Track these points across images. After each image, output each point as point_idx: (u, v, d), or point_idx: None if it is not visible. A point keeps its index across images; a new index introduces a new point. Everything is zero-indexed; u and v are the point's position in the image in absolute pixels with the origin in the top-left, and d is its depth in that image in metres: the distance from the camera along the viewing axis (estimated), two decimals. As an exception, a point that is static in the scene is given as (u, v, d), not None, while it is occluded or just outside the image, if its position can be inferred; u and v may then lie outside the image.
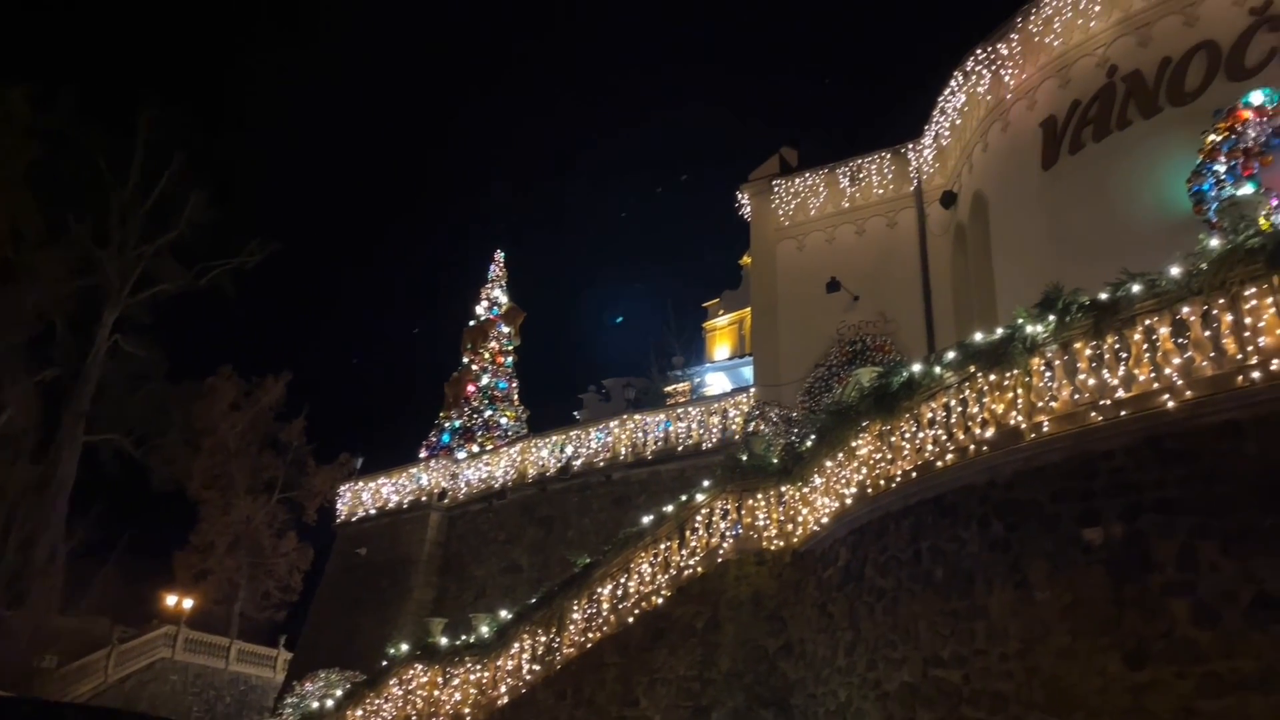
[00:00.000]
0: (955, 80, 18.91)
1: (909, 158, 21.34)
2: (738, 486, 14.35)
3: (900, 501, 11.16)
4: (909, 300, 20.58)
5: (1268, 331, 8.22)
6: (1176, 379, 8.68)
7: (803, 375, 21.34)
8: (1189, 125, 14.50)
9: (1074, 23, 16.69)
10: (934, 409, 11.19)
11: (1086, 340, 9.55)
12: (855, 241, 22.14)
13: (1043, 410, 9.75)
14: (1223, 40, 14.79)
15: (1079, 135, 16.31)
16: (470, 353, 31.32)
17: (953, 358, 10.93)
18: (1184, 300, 8.88)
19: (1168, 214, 14.30)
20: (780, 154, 24.55)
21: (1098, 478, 8.85)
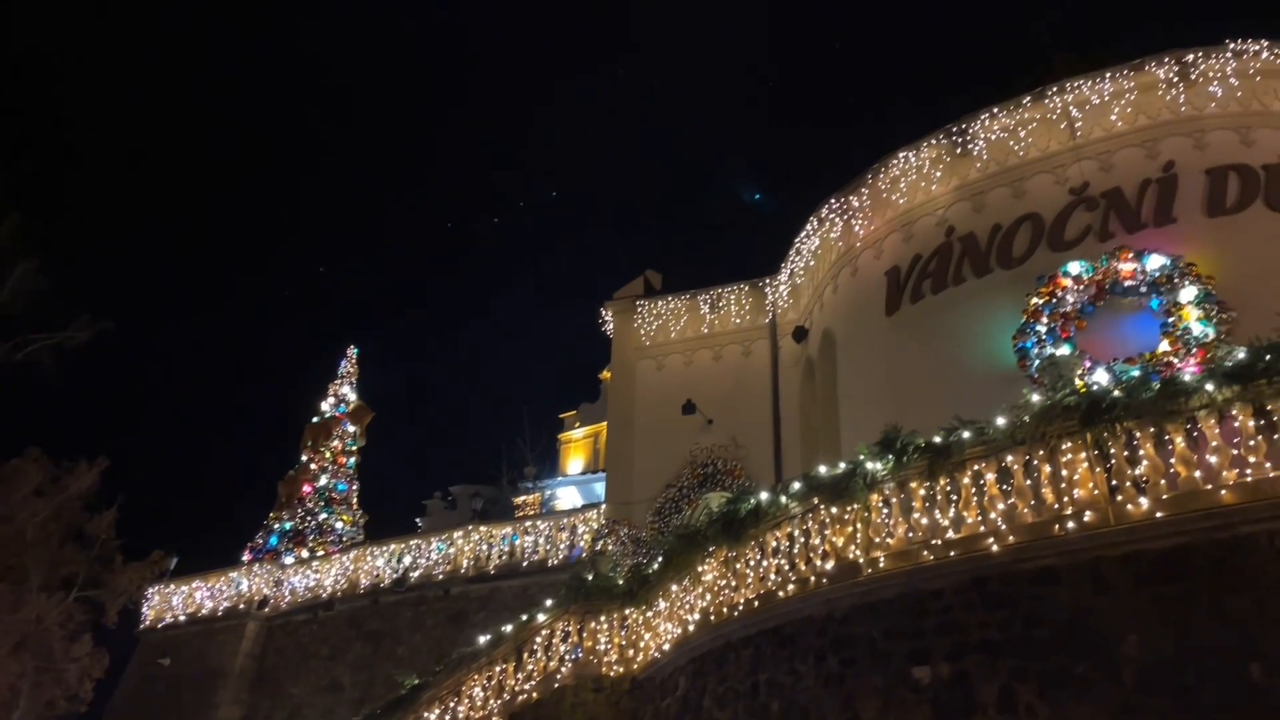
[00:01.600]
0: (811, 224, 20.08)
1: (766, 291, 22.30)
2: (581, 607, 14.01)
3: (742, 630, 11.14)
4: (760, 427, 21.11)
5: (1081, 484, 8.83)
6: (1000, 523, 9.16)
7: (654, 495, 21.36)
8: (1015, 287, 15.83)
9: (918, 184, 18.14)
10: (779, 538, 11.37)
11: (921, 480, 9.99)
12: (712, 366, 22.72)
13: (879, 546, 10.05)
14: (1046, 214, 16.35)
15: (919, 286, 17.48)
16: (310, 450, 29.87)
17: (798, 488, 11.19)
18: (1009, 449, 9.47)
19: (996, 366, 15.37)
20: (646, 276, 25.23)
21: (928, 616, 9.11)
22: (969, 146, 17.48)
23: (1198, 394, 8.53)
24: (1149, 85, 16.20)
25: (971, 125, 17.45)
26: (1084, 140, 16.51)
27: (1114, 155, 16.20)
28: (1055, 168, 16.64)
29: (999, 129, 17.28)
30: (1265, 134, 15.61)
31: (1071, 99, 16.60)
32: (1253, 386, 8.32)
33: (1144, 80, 16.22)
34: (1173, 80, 16.01)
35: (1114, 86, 16.34)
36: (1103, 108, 16.45)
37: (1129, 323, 14.70)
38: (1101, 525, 8.50)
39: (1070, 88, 16.63)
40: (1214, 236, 14.81)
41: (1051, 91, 16.80)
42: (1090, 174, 16.23)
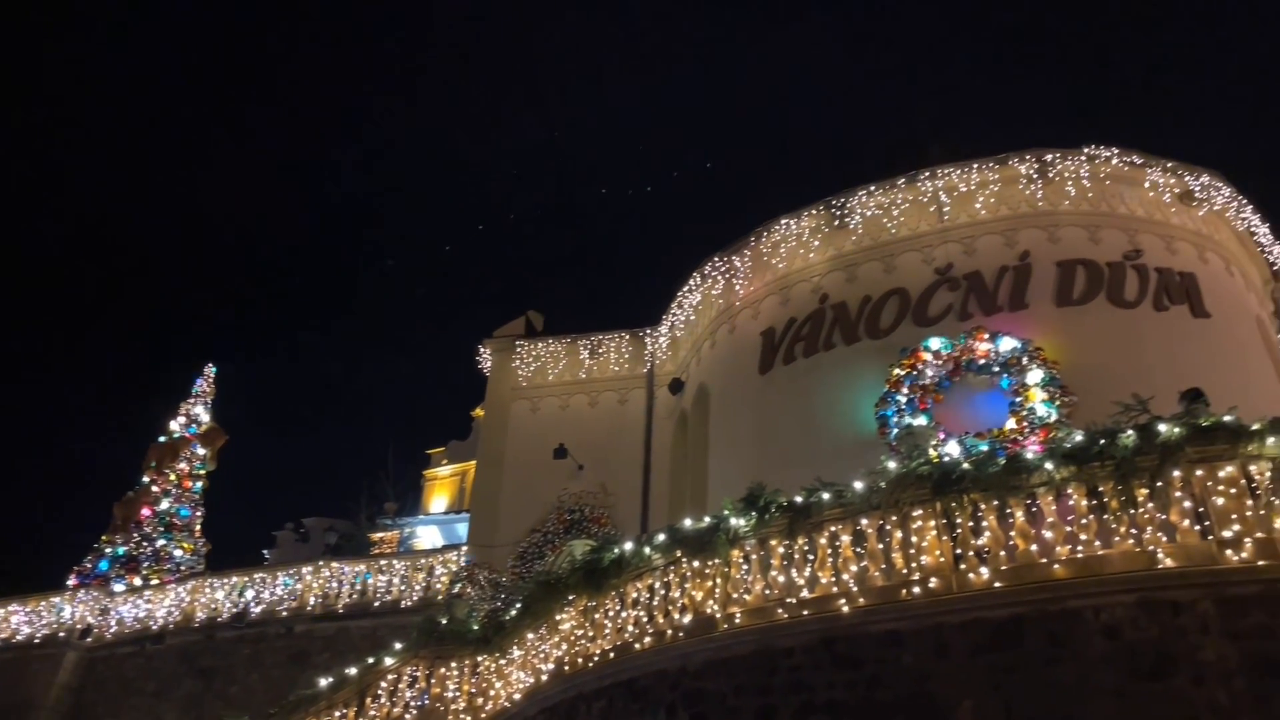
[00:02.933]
0: (694, 280, 20.49)
1: (646, 342, 22.53)
2: (432, 652, 13.55)
3: (595, 682, 10.99)
4: (630, 476, 21.15)
5: (929, 551, 9.18)
6: (853, 585, 9.41)
7: (519, 539, 21.04)
8: (881, 357, 16.53)
9: (797, 251, 18.81)
10: (639, 589, 11.33)
11: (781, 539, 10.19)
12: (587, 412, 22.70)
13: (737, 602, 10.15)
14: (913, 290, 17.20)
15: (792, 349, 18.04)
16: (154, 472, 28.01)
17: (662, 540, 11.20)
18: (865, 513, 9.77)
19: (858, 431, 15.95)
20: (528, 316, 25.11)
21: (778, 674, 9.23)
22: (846, 220, 18.27)
23: (1038, 472, 9.04)
24: (1011, 179, 17.38)
25: (850, 200, 18.27)
26: (951, 224, 17.53)
27: (977, 240, 17.25)
28: (923, 247, 17.58)
29: (875, 206, 18.16)
30: (1111, 234, 16.94)
31: (942, 185, 17.62)
32: (1087, 468, 8.87)
33: (1007, 174, 17.39)
34: (1032, 176, 17.23)
35: (980, 177, 17.45)
36: (969, 196, 17.52)
37: (981, 399, 15.55)
38: (945, 592, 8.84)
39: (941, 174, 17.66)
40: (1061, 324, 15.89)
41: (924, 176, 17.80)
42: (954, 256, 17.21)
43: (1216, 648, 7.65)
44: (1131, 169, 17.34)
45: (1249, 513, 8.20)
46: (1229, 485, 8.36)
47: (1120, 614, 8.03)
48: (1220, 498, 8.31)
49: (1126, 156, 17.30)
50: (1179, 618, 7.90)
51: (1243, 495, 8.33)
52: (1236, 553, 8.03)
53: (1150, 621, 7.93)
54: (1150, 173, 17.36)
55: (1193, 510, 8.43)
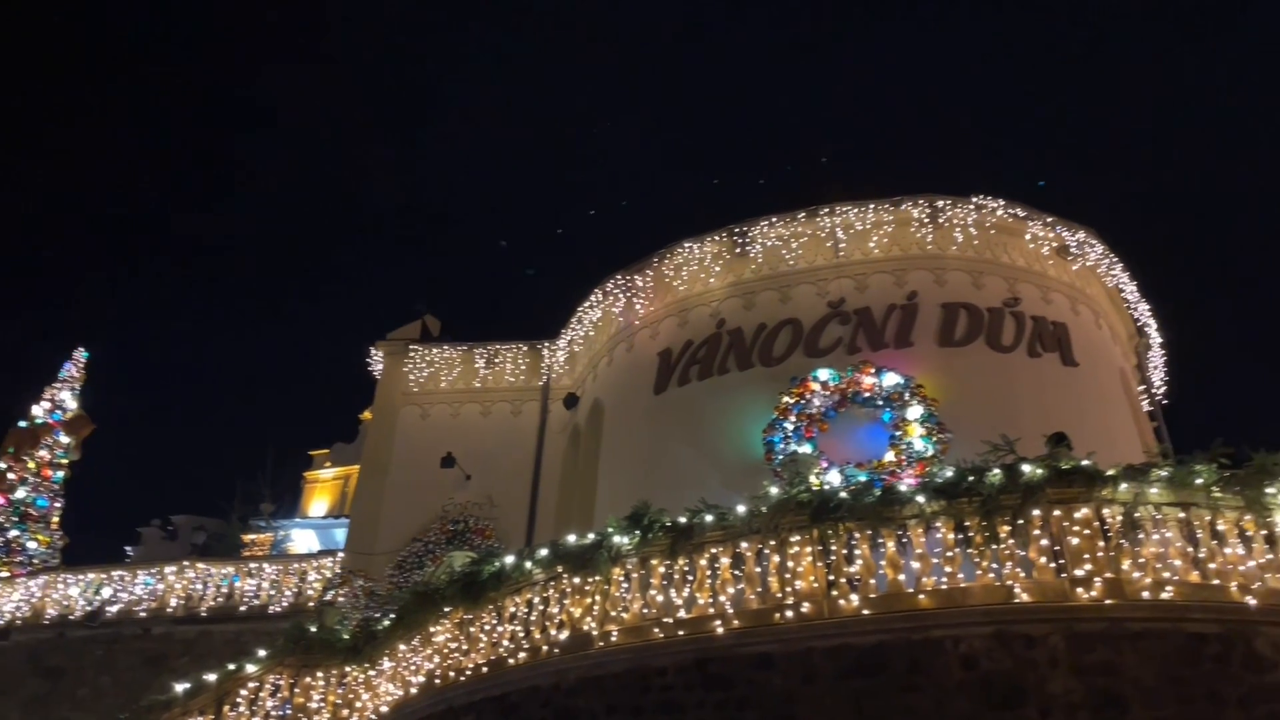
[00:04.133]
0: (595, 296, 20.53)
1: (544, 354, 22.42)
2: (298, 661, 13.12)
3: (466, 696, 10.84)
4: (518, 489, 20.94)
5: (804, 576, 9.40)
6: (729, 607, 9.55)
7: (399, 547, 20.56)
8: (772, 384, 16.88)
9: (698, 275, 19.08)
10: (518, 604, 11.25)
11: (663, 558, 10.27)
12: (479, 422, 22.42)
13: (615, 620, 10.17)
14: (806, 321, 17.65)
15: (688, 371, 18.25)
16: (11, 459, 26.28)
17: (544, 555, 11.15)
18: (745, 536, 9.95)
19: (746, 456, 16.22)
20: (424, 320, 24.70)
21: (650, 693, 9.28)
22: (747, 248, 18.65)
23: (910, 504, 9.38)
24: (904, 221, 18.07)
25: (752, 229, 18.66)
26: (845, 260, 18.09)
27: (869, 278, 17.84)
28: (818, 280, 18.08)
29: (775, 237, 18.58)
30: (993, 281, 17.78)
31: (839, 221, 18.18)
32: (956, 503, 9.26)
33: (900, 216, 18.07)
34: (924, 220, 17.95)
35: (875, 217, 18.09)
36: (864, 234, 18.13)
37: (863, 431, 16.04)
38: (817, 617, 9.07)
39: (839, 211, 18.23)
40: (942, 364, 16.55)
41: (823, 212, 18.33)
42: (847, 291, 17.76)
43: (1063, 681, 8.06)
44: (1015, 221, 18.25)
45: (1100, 553, 8.70)
46: (1083, 526, 8.85)
47: (978, 645, 8.38)
48: (1075, 538, 8.79)
49: (1011, 209, 18.21)
50: (1031, 650, 8.29)
51: (1096, 536, 8.83)
52: (1087, 590, 8.49)
53: (1004, 653, 8.30)
54: (1032, 226, 18.31)
55: (1049, 548, 8.88)
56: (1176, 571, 8.55)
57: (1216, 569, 8.63)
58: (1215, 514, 8.93)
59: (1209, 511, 8.93)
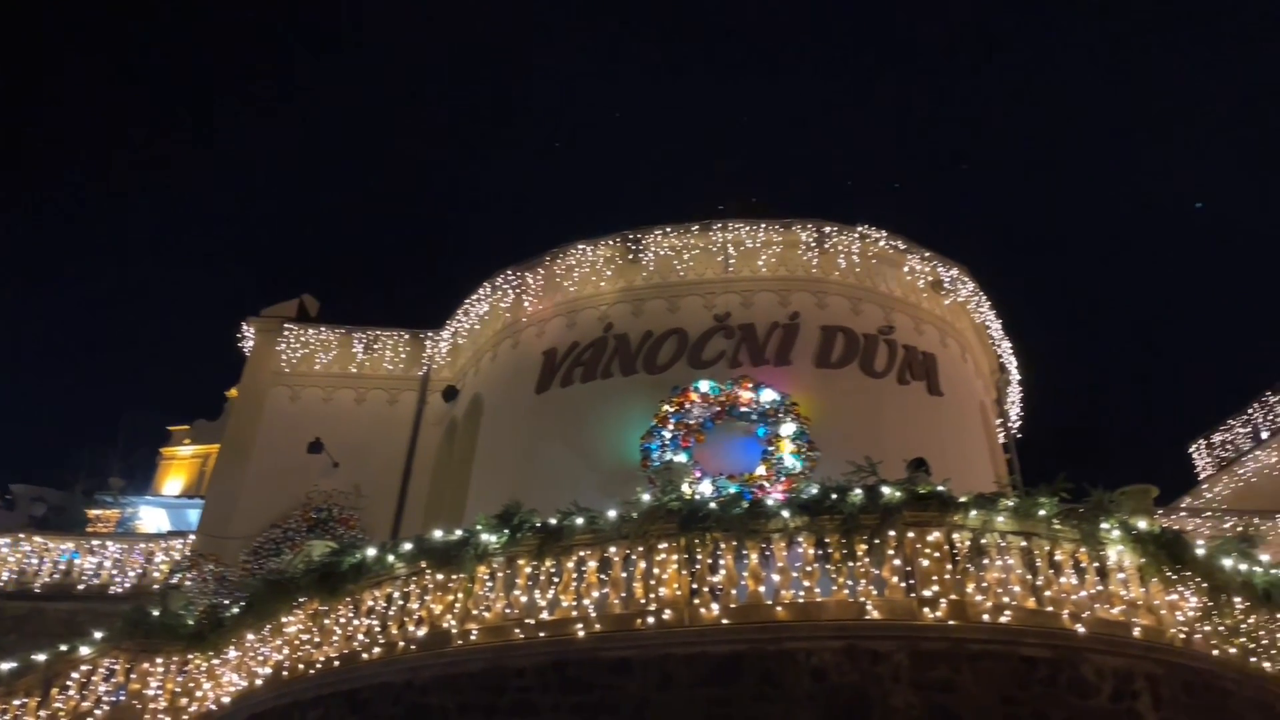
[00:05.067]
0: (484, 290, 20.28)
1: (426, 344, 21.97)
2: (137, 645, 12.46)
3: (314, 691, 10.51)
4: (388, 480, 20.45)
5: (668, 584, 9.51)
6: (592, 611, 9.57)
7: (256, 532, 19.76)
8: (654, 392, 17.05)
9: (589, 277, 19.10)
10: (377, 598, 10.99)
11: (530, 559, 10.20)
12: (352, 408, 21.79)
13: (476, 619, 10.05)
14: (691, 333, 17.91)
15: (571, 372, 18.23)
16: None
17: (408, 549, 10.93)
18: (614, 541, 9.98)
19: (622, 461, 16.31)
20: (302, 299, 23.84)
21: (506, 694, 9.20)
22: (640, 255, 18.79)
23: (775, 519, 9.62)
24: (792, 243, 18.57)
25: (645, 237, 18.82)
26: (734, 276, 18.45)
27: (755, 295, 18.24)
28: (706, 293, 18.38)
29: (668, 247, 18.79)
30: (870, 308, 18.45)
31: (730, 237, 18.54)
32: (818, 520, 9.54)
33: (789, 238, 18.56)
34: (811, 244, 18.49)
35: (765, 236, 18.53)
36: (754, 252, 18.54)
37: (738, 444, 16.37)
38: (677, 625, 9.18)
39: (731, 228, 18.60)
40: (818, 384, 17.07)
41: (716, 227, 18.66)
42: (733, 306, 18.12)
43: (905, 696, 8.41)
44: (895, 252, 19.00)
45: (947, 576, 9.11)
46: (934, 549, 9.25)
47: (828, 658, 8.65)
48: (926, 559, 9.19)
49: (893, 240, 18.95)
50: (877, 666, 8.62)
51: (945, 559, 9.25)
52: (933, 610, 8.88)
53: (852, 668, 8.60)
54: (910, 258, 19.10)
55: (902, 568, 9.25)
56: (1015, 597, 9.03)
57: (1051, 596, 9.17)
58: (1054, 544, 9.48)
59: (1049, 542, 9.47)
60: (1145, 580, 9.56)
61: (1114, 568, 9.51)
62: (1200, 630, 9.52)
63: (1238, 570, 10.11)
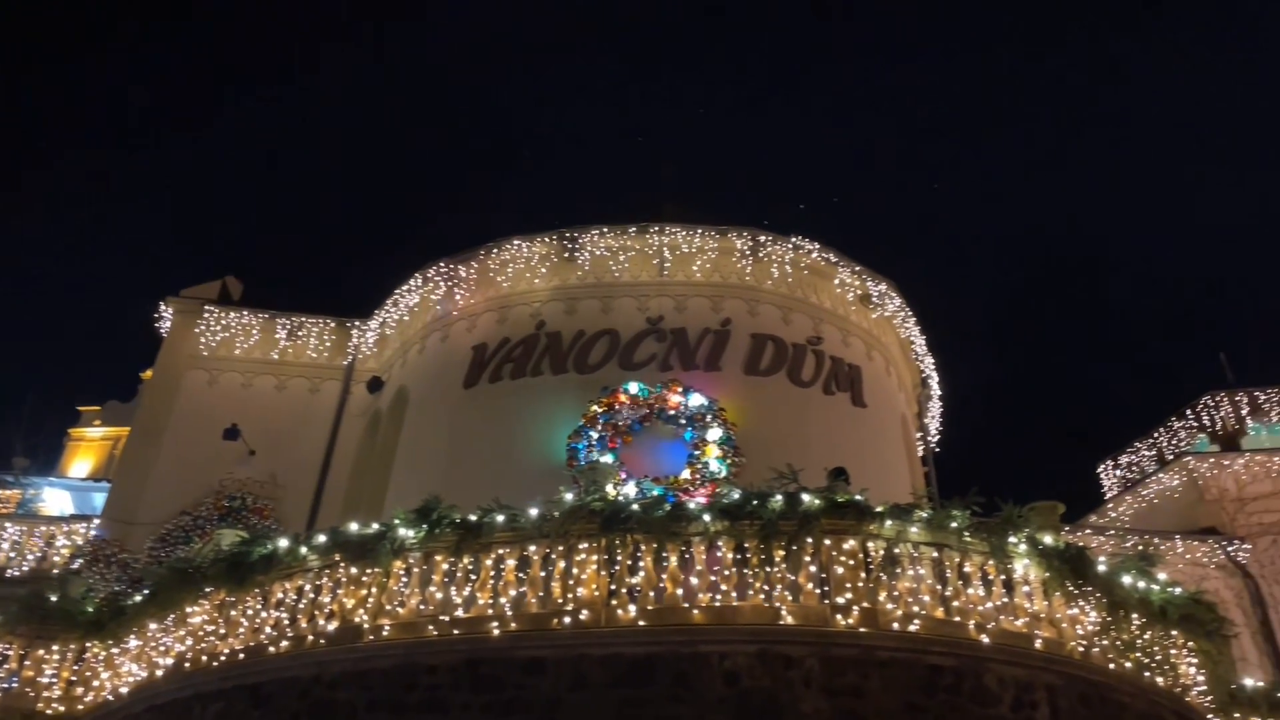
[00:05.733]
0: (415, 281, 19.98)
1: (352, 333, 21.54)
2: (32, 631, 12.02)
3: (217, 683, 10.21)
4: (307, 471, 19.97)
5: (587, 584, 9.48)
6: (508, 609, 9.48)
7: (165, 519, 19.11)
8: (583, 391, 17.01)
9: (523, 274, 18.97)
10: (287, 590, 10.74)
11: (448, 555, 10.06)
12: (272, 396, 21.24)
13: (389, 614, 9.88)
14: (624, 334, 17.92)
15: (501, 369, 18.08)
16: None
17: (322, 541, 10.71)
18: (534, 540, 9.91)
19: (548, 460, 16.24)
20: (225, 282, 23.16)
21: (416, 691, 9.06)
22: (576, 254, 18.73)
23: (696, 522, 9.66)
24: (728, 250, 18.72)
25: (582, 236, 18.77)
26: (668, 280, 18.53)
27: (688, 300, 18.35)
28: (640, 295, 18.41)
29: (605, 247, 18.77)
30: (800, 319, 18.72)
31: (667, 241, 18.61)
32: (738, 525, 9.61)
33: (725, 245, 18.71)
34: (745, 252, 18.66)
35: (702, 242, 18.64)
36: (689, 257, 18.63)
37: (665, 447, 16.44)
38: (593, 625, 9.15)
39: (669, 231, 18.66)
40: (745, 391, 17.24)
41: (654, 230, 18.71)
42: (666, 310, 18.19)
43: (814, 701, 8.52)
44: (827, 265, 19.30)
45: (861, 584, 9.27)
46: (849, 557, 9.40)
47: (741, 662, 8.72)
48: (841, 567, 9.32)
49: (825, 253, 19.24)
50: (789, 671, 8.71)
51: (859, 567, 9.40)
52: (845, 617, 9.02)
53: (765, 672, 8.68)
54: (841, 272, 19.42)
55: (817, 575, 9.38)
56: (925, 606, 9.24)
57: (959, 607, 9.40)
58: (964, 556, 9.73)
59: (959, 553, 9.71)
60: (1049, 594, 9.87)
61: (1020, 580, 9.80)
62: (1098, 644, 9.86)
63: (1136, 587, 10.53)
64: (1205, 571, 20.86)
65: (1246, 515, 21.77)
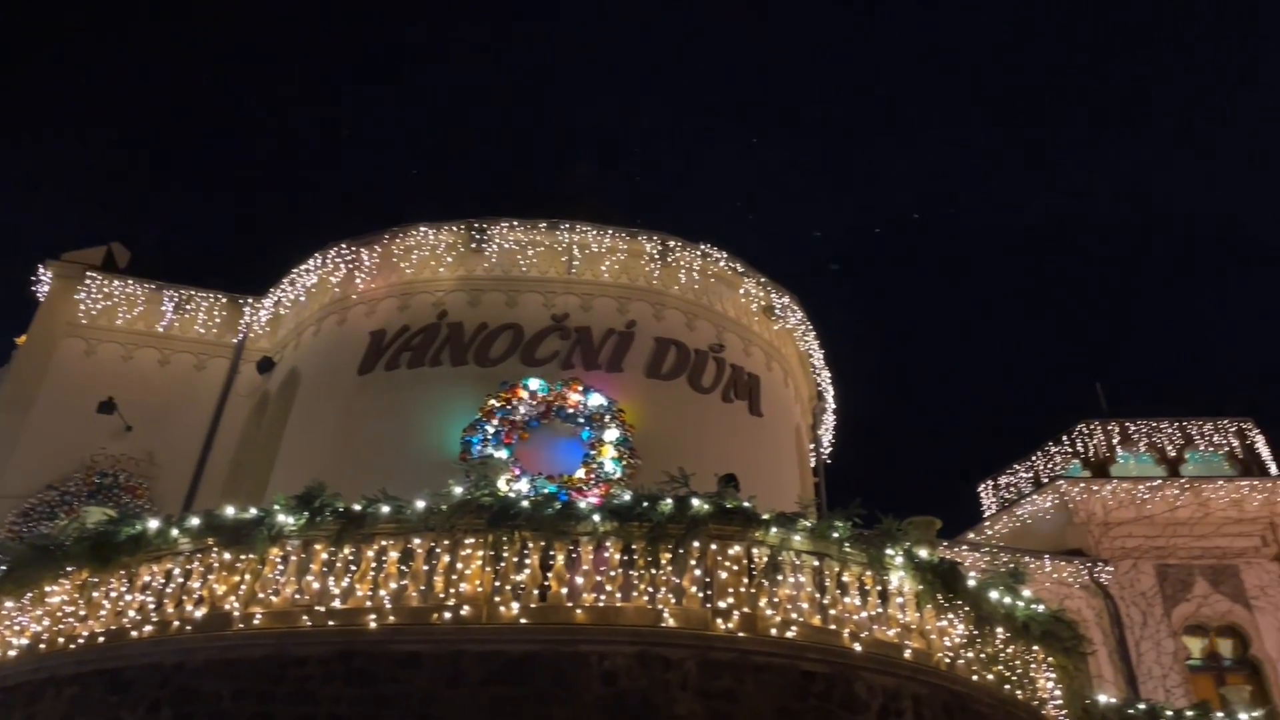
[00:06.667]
0: (314, 260, 19.42)
1: (245, 310, 20.78)
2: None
3: (74, 666, 9.70)
4: (187, 450, 19.17)
5: (471, 580, 9.37)
6: (388, 602, 9.29)
7: (28, 493, 18.08)
8: (482, 385, 16.82)
9: (428, 261, 18.64)
10: (155, 573, 10.31)
11: (328, 545, 9.80)
12: (154, 370, 20.32)
13: (262, 603, 9.57)
14: (528, 329, 17.79)
15: (398, 357, 17.71)
16: None
17: (196, 524, 10.32)
18: (419, 533, 9.74)
19: (441, 452, 15.99)
20: (111, 247, 22.03)
21: (285, 683, 8.79)
22: (483, 246, 18.52)
23: (586, 522, 9.66)
24: (637, 253, 18.80)
25: (491, 228, 18.57)
26: (576, 278, 18.49)
27: (594, 299, 18.35)
28: (547, 292, 18.32)
29: (514, 240, 18.61)
30: (704, 325, 18.93)
31: (577, 239, 18.57)
32: (627, 526, 9.64)
33: (635, 247, 18.78)
34: (655, 256, 18.78)
35: (612, 242, 18.67)
36: (598, 256, 18.64)
37: (562, 445, 16.39)
38: (474, 621, 9.04)
39: (579, 229, 18.63)
40: (645, 394, 17.34)
41: (564, 227, 18.64)
42: (572, 308, 18.15)
43: (689, 704, 8.61)
44: (733, 274, 19.58)
45: (743, 589, 9.42)
46: (734, 562, 9.53)
47: (620, 663, 8.75)
48: (724, 572, 9.45)
49: (732, 263, 19.52)
50: (667, 673, 8.78)
51: (742, 573, 9.55)
52: (725, 622, 9.14)
53: (643, 673, 8.73)
54: (746, 282, 19.73)
55: (702, 579, 9.48)
56: (803, 614, 9.44)
57: (836, 615, 9.64)
58: (844, 566, 9.99)
59: (839, 563, 9.96)
60: (921, 606, 10.21)
61: (894, 592, 10.11)
62: (964, 656, 10.25)
63: (1002, 603, 10.99)
64: (1070, 591, 21.94)
65: (1111, 539, 22.99)
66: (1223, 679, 20.82)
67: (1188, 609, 22.03)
